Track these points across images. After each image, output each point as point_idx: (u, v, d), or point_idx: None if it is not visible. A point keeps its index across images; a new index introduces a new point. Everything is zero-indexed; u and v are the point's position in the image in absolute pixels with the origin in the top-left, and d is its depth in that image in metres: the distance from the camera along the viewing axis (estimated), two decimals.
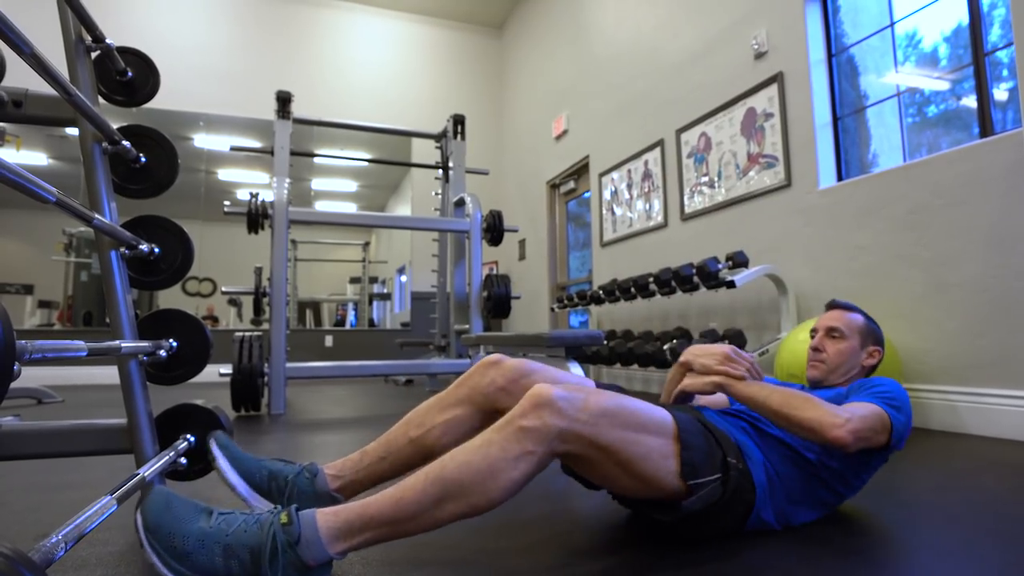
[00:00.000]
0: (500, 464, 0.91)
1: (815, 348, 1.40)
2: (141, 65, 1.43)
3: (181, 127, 6.59)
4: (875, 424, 1.10)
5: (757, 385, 1.16)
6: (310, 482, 1.10)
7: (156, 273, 1.46)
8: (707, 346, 1.26)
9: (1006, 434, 2.23)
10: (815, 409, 1.06)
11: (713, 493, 1.04)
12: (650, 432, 1.03)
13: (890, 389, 1.20)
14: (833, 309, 1.44)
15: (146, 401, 1.28)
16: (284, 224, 3.63)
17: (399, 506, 0.89)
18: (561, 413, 0.93)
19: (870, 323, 1.41)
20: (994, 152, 2.34)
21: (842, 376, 1.36)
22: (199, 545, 0.83)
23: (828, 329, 1.39)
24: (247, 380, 3.29)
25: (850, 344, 1.37)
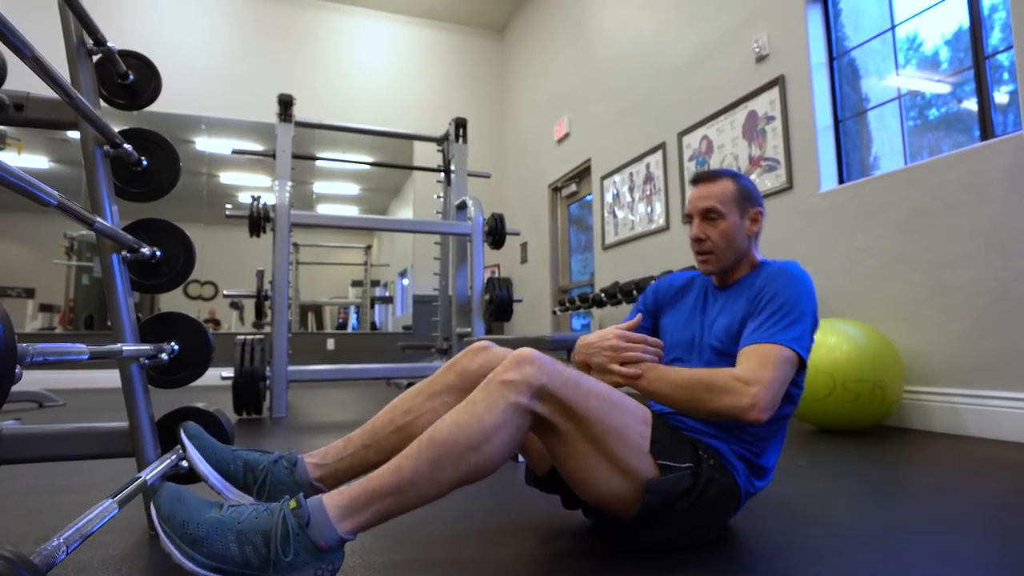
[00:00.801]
0: (488, 419, 0.92)
1: (696, 239, 1.25)
2: (142, 68, 1.44)
3: (183, 130, 6.60)
4: (783, 376, 1.04)
5: (659, 381, 1.09)
6: (289, 471, 1.07)
7: (158, 276, 1.46)
8: (595, 336, 1.17)
9: (1008, 436, 2.22)
10: (720, 397, 1.02)
11: (683, 480, 1.03)
12: (625, 410, 1.04)
13: (786, 297, 1.11)
14: (700, 184, 1.27)
15: (147, 404, 1.28)
16: (286, 227, 3.63)
17: (399, 475, 0.90)
18: (541, 368, 0.96)
19: (742, 182, 1.26)
20: (995, 155, 2.34)
21: (733, 256, 1.24)
22: (213, 531, 0.84)
23: (704, 212, 1.24)
24: (249, 383, 3.29)
25: (730, 221, 1.23)
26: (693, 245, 1.26)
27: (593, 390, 1.01)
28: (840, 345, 2.40)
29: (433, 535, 1.23)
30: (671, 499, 1.02)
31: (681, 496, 1.03)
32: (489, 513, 1.39)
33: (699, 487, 1.04)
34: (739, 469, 1.12)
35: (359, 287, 7.69)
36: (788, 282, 1.14)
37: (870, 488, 1.58)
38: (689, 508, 1.03)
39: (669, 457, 1.04)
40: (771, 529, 1.23)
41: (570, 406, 0.98)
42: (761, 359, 1.05)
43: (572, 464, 1.03)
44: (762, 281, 1.18)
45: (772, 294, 1.13)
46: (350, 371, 3.88)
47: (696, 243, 1.25)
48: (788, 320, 1.09)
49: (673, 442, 1.07)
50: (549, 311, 6.36)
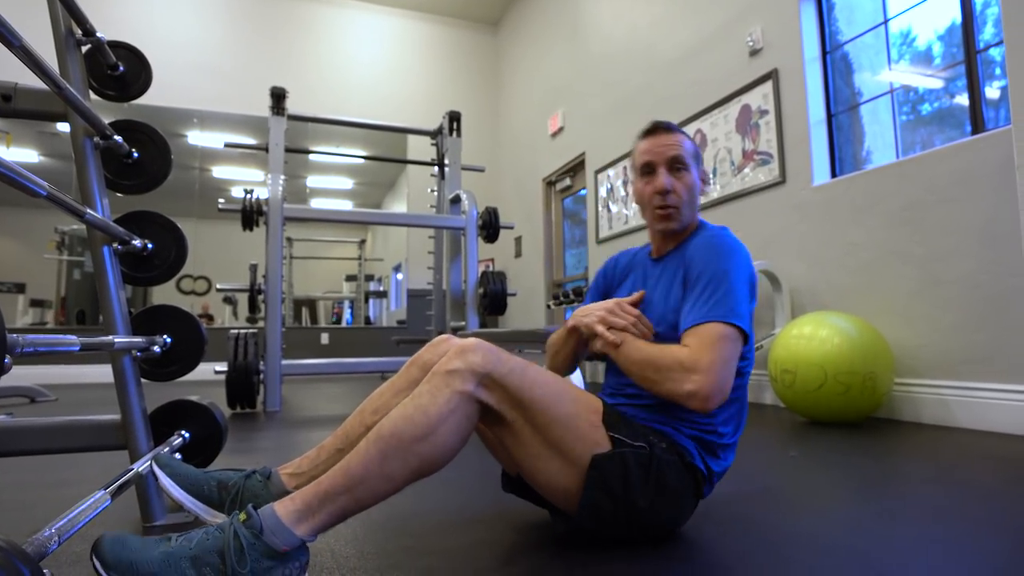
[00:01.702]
0: (433, 409, 0.92)
1: (663, 190, 1.16)
2: (133, 59, 1.43)
3: (175, 124, 6.56)
4: (728, 354, 1.02)
5: (623, 354, 1.09)
6: (263, 484, 1.06)
7: (149, 269, 1.45)
8: (594, 304, 1.17)
9: (996, 427, 2.25)
10: (666, 382, 1.02)
11: (638, 458, 1.02)
12: (576, 401, 1.04)
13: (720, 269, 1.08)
14: (662, 133, 1.19)
15: (140, 397, 1.27)
16: (279, 221, 3.62)
17: (348, 473, 0.90)
18: (485, 357, 0.96)
19: (691, 140, 1.23)
20: (985, 149, 2.36)
21: (691, 215, 1.20)
22: (165, 565, 0.81)
23: (671, 161, 1.17)
24: (242, 377, 3.29)
25: (693, 176, 1.19)
26: (654, 199, 1.18)
27: (539, 379, 1.01)
28: (832, 338, 2.42)
29: (425, 525, 1.23)
30: (619, 480, 1.00)
31: (635, 479, 1.01)
32: (483, 504, 1.39)
33: (653, 470, 1.03)
34: (690, 449, 1.09)
35: (353, 281, 7.67)
36: (716, 253, 1.10)
37: (860, 479, 1.60)
38: (649, 494, 1.02)
39: (621, 433, 1.04)
40: (761, 519, 1.24)
41: (516, 394, 0.98)
42: (702, 341, 1.02)
43: (522, 453, 1.03)
44: (693, 251, 1.15)
45: (701, 268, 1.10)
46: (344, 365, 3.88)
47: (660, 196, 1.17)
48: (720, 293, 1.05)
49: (625, 426, 1.07)
50: (543, 305, 6.37)
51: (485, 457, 1.24)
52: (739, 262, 1.10)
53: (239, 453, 2.07)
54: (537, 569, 1.00)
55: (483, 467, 1.71)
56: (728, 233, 1.16)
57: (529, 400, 0.99)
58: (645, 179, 1.21)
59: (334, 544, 1.12)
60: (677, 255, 1.20)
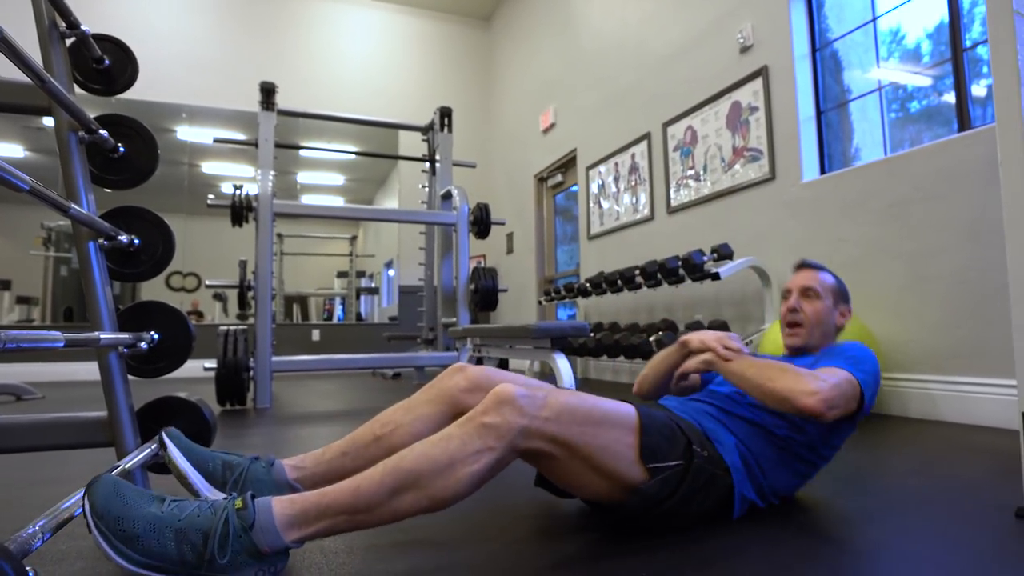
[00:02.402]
0: (459, 457, 0.91)
1: (792, 309, 1.36)
2: (118, 53, 1.41)
3: (163, 119, 6.50)
4: (847, 391, 1.11)
5: (739, 361, 1.19)
6: (267, 470, 1.08)
7: (136, 265, 1.44)
8: (707, 332, 1.30)
9: (980, 421, 2.27)
10: (787, 379, 1.09)
11: (673, 478, 1.07)
12: (611, 425, 1.05)
13: (858, 353, 1.22)
14: (804, 269, 1.41)
15: (127, 394, 1.27)
16: (269, 217, 3.60)
17: (356, 495, 0.89)
18: (523, 411, 0.95)
19: (839, 283, 1.40)
20: (971, 146, 2.38)
21: (819, 338, 1.36)
22: (149, 529, 0.81)
23: (803, 289, 1.37)
24: (232, 374, 3.27)
25: (825, 304, 1.35)
26: (785, 316, 1.37)
27: (577, 414, 1.01)
28: None
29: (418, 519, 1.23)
30: (656, 500, 1.06)
31: (669, 494, 1.07)
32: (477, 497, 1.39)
33: (688, 479, 1.07)
34: (736, 467, 1.15)
35: (344, 278, 7.65)
36: (858, 346, 1.26)
37: (848, 472, 1.61)
38: (678, 500, 1.08)
39: (659, 459, 1.07)
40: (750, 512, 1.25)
41: (553, 437, 0.98)
42: (831, 373, 1.13)
43: (564, 479, 1.08)
44: (833, 346, 1.32)
45: (847, 347, 1.26)
46: (335, 361, 3.87)
47: (790, 313, 1.36)
48: (859, 364, 1.19)
49: (663, 440, 1.09)
50: (535, 301, 6.37)
51: None
52: (875, 362, 1.23)
53: (230, 449, 2.06)
54: (534, 565, 1.00)
55: None
56: (865, 345, 1.29)
57: (566, 439, 1.00)
58: (784, 300, 1.41)
59: (322, 540, 1.12)
60: (812, 355, 1.34)
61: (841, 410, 1.11)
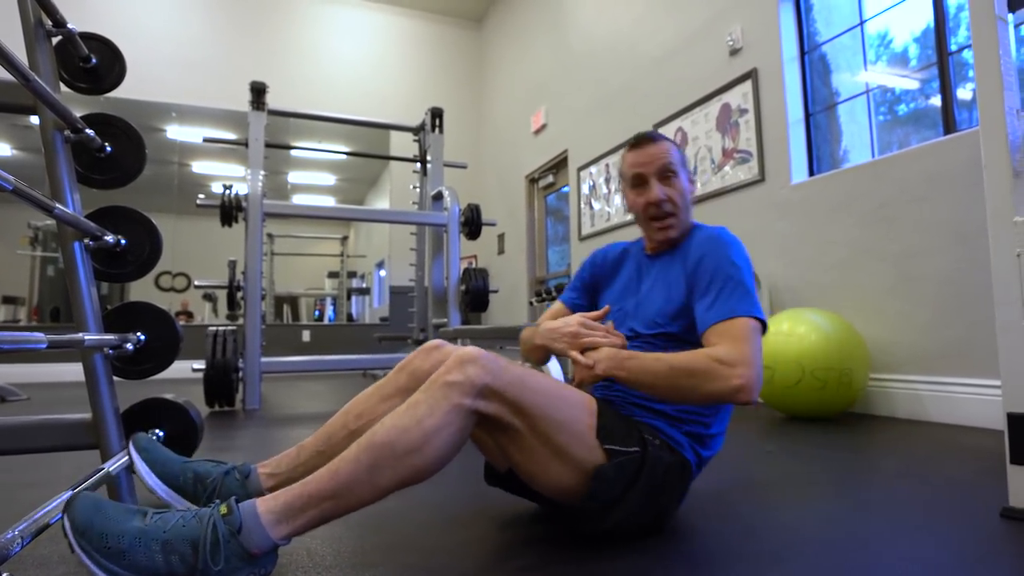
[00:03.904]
0: (429, 421, 0.91)
1: (658, 201, 1.18)
2: (106, 51, 1.40)
3: (152, 118, 6.45)
4: (758, 345, 1.04)
5: (640, 370, 1.06)
6: (241, 483, 1.05)
7: (122, 265, 1.43)
8: (559, 322, 1.16)
9: (967, 421, 2.30)
10: (707, 382, 1.01)
11: (632, 464, 1.03)
12: (571, 403, 1.04)
13: (728, 262, 1.10)
14: (648, 144, 1.21)
15: (112, 395, 1.25)
16: (259, 217, 3.58)
17: (336, 478, 0.88)
18: (485, 368, 0.95)
19: (677, 145, 1.25)
20: (956, 149, 2.40)
21: (688, 220, 1.23)
22: (136, 543, 0.80)
23: (661, 171, 1.19)
24: (221, 375, 3.25)
25: (682, 180, 1.21)
26: (649, 210, 1.20)
27: (538, 386, 1.01)
28: (809, 334, 2.45)
29: (405, 522, 1.23)
30: (619, 485, 1.02)
31: (630, 482, 1.03)
32: (463, 499, 1.39)
33: (647, 470, 1.04)
34: (684, 444, 1.13)
35: (335, 278, 7.62)
36: (725, 251, 1.13)
37: (836, 473, 1.62)
38: (643, 492, 1.04)
39: (616, 441, 1.04)
40: (741, 512, 1.26)
41: (515, 403, 0.97)
42: (734, 336, 1.03)
43: (522, 458, 1.03)
44: (696, 251, 1.17)
45: (713, 267, 1.12)
46: (325, 362, 3.85)
47: (655, 207, 1.19)
48: (740, 290, 1.08)
49: (619, 427, 1.07)
50: (526, 302, 6.37)
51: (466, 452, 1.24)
52: (745, 259, 1.14)
53: (217, 451, 2.05)
54: (521, 568, 1.00)
55: (464, 461, 1.70)
56: (727, 231, 1.18)
57: (529, 408, 0.98)
58: (637, 191, 1.22)
59: (310, 543, 1.11)
60: (676, 252, 1.22)
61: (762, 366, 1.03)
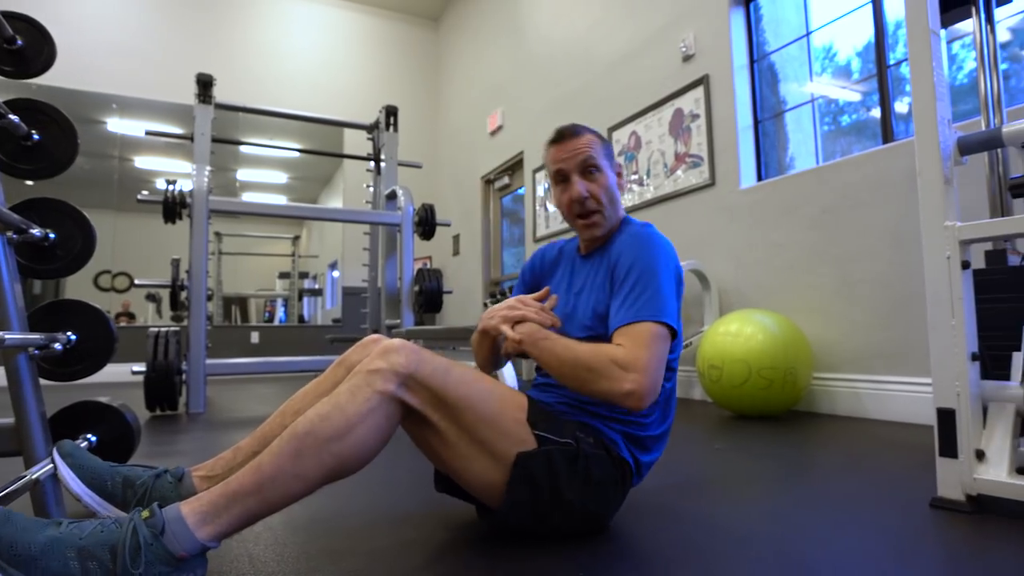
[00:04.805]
0: (351, 408, 0.90)
1: (579, 199, 1.15)
2: (33, 33, 1.32)
3: (92, 109, 6.16)
4: (659, 352, 1.02)
5: (549, 351, 1.05)
6: (174, 486, 1.01)
7: (51, 260, 1.35)
8: (498, 304, 1.15)
9: (901, 418, 2.40)
10: (600, 381, 1.00)
11: (564, 455, 1.02)
12: (501, 400, 1.03)
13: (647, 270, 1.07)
14: (566, 140, 1.17)
15: (37, 399, 1.18)
16: (204, 214, 3.45)
17: (259, 472, 0.85)
18: (408, 357, 0.94)
19: (600, 136, 1.21)
20: (894, 158, 2.51)
21: (615, 215, 1.20)
22: (47, 550, 0.75)
23: (583, 166, 1.16)
24: (162, 378, 3.12)
25: (608, 176, 1.18)
26: (573, 207, 1.17)
27: (464, 379, 1.00)
28: (755, 335, 2.52)
29: (351, 525, 1.20)
30: (544, 473, 1.00)
31: (560, 476, 1.01)
32: (412, 503, 1.37)
33: (580, 464, 1.03)
34: (618, 442, 1.12)
35: (287, 279, 7.43)
36: (643, 250, 1.10)
37: (780, 469, 1.67)
38: (576, 487, 1.03)
39: (548, 430, 1.03)
40: (687, 510, 1.28)
41: (440, 394, 0.96)
42: (635, 340, 1.02)
43: (448, 453, 1.01)
44: (617, 248, 1.15)
45: (628, 265, 1.10)
46: (273, 364, 3.75)
47: (578, 204, 1.16)
48: (649, 292, 1.05)
49: (551, 421, 1.07)
50: (480, 303, 6.36)
51: (415, 456, 1.22)
52: (665, 259, 1.11)
53: (157, 456, 1.97)
54: (463, 567, 0.98)
55: (413, 466, 1.68)
56: (652, 229, 1.16)
57: (453, 400, 0.97)
58: (561, 187, 1.19)
59: (252, 548, 1.07)
60: (604, 251, 1.20)
61: (660, 376, 1.02)
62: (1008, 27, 2.40)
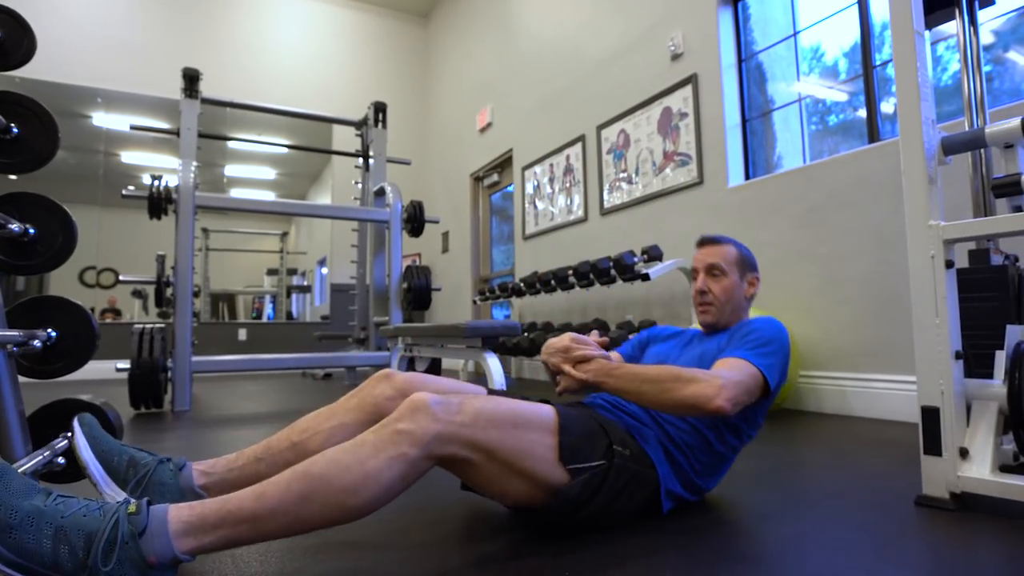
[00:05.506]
0: (371, 463, 0.88)
1: (700, 291, 1.37)
2: (12, 24, 1.29)
3: (76, 103, 6.07)
4: (750, 385, 1.12)
5: (626, 376, 1.14)
6: (173, 474, 1.02)
7: (31, 256, 1.33)
8: (556, 340, 1.25)
9: (886, 415, 2.42)
10: (688, 386, 1.07)
11: (595, 478, 1.07)
12: (530, 427, 1.04)
13: (762, 334, 1.22)
14: (707, 245, 1.41)
15: (16, 397, 1.16)
16: (190, 210, 3.42)
17: (260, 501, 0.83)
18: (436, 417, 0.93)
19: (742, 251, 1.41)
20: (879, 158, 2.53)
21: (731, 313, 1.36)
22: (27, 521, 0.75)
23: (708, 268, 1.37)
24: (147, 375, 3.09)
25: (732, 280, 1.36)
26: (696, 297, 1.39)
27: (492, 419, 0.99)
28: None
29: None
30: (578, 503, 1.05)
31: (590, 496, 1.06)
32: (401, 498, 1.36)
33: (609, 480, 1.08)
34: (661, 462, 1.16)
35: (275, 276, 7.38)
36: (766, 325, 1.26)
37: (768, 466, 1.68)
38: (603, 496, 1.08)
39: (579, 459, 1.06)
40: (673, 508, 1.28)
41: (470, 443, 0.96)
42: (730, 366, 1.14)
43: (486, 485, 1.06)
44: (737, 327, 1.32)
45: (748, 331, 1.25)
46: (261, 362, 3.72)
47: (699, 295, 1.38)
48: (762, 349, 1.19)
49: (583, 440, 1.08)
50: (470, 300, 6.35)
51: None
52: (783, 341, 1.23)
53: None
54: (454, 566, 0.98)
55: None
56: (772, 319, 1.29)
57: (484, 444, 0.98)
58: (694, 280, 1.41)
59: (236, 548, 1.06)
60: (725, 332, 1.35)
61: (745, 403, 1.12)
62: (991, 29, 2.42)
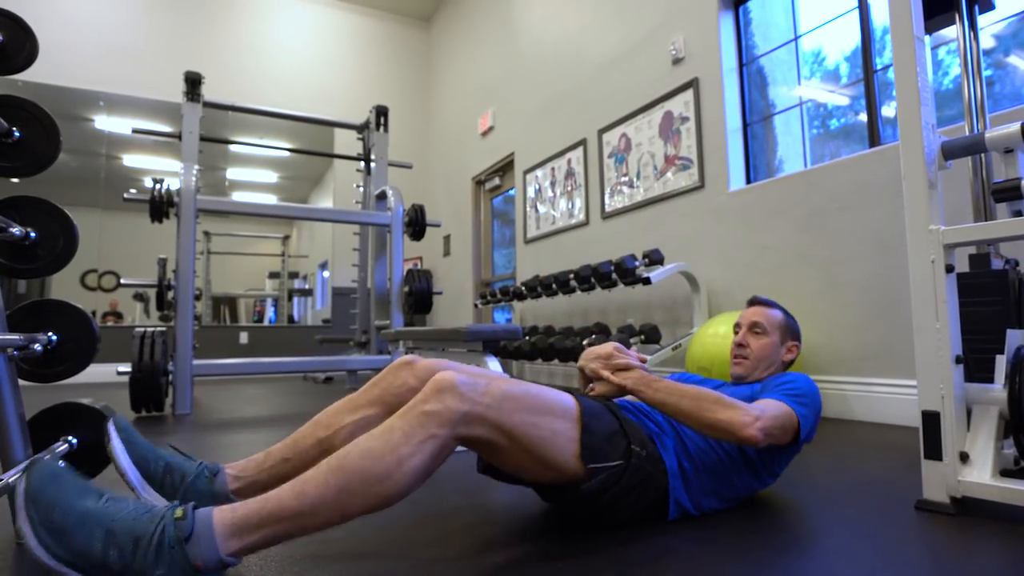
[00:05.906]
0: (403, 449, 0.89)
1: (739, 344, 1.44)
2: (14, 28, 1.30)
3: (78, 106, 6.09)
4: (784, 422, 1.15)
5: (666, 389, 1.16)
6: (209, 481, 1.04)
7: (32, 260, 1.33)
8: (595, 348, 1.29)
9: (887, 419, 2.42)
10: (726, 410, 1.09)
11: (612, 477, 1.07)
12: (554, 415, 1.05)
13: (800, 386, 1.25)
14: (755, 305, 1.49)
15: (16, 400, 1.16)
16: (192, 213, 3.43)
17: (300, 499, 0.85)
18: (463, 397, 0.94)
19: (789, 319, 1.47)
20: (880, 162, 2.53)
21: (764, 371, 1.42)
22: (80, 523, 0.76)
23: (751, 324, 1.44)
24: (148, 378, 3.09)
25: (771, 340, 1.43)
26: (733, 348, 1.45)
27: (519, 403, 1.00)
28: None
29: None
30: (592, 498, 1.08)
31: (604, 492, 1.08)
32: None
33: (624, 478, 1.09)
34: (674, 473, 1.16)
35: (276, 279, 7.38)
36: (802, 379, 1.28)
37: None
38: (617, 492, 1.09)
39: (599, 459, 1.07)
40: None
41: (495, 424, 0.97)
42: (767, 405, 1.16)
43: (508, 465, 1.07)
44: (778, 376, 1.34)
45: (786, 380, 1.28)
46: (262, 365, 3.73)
47: (737, 347, 1.44)
48: (799, 398, 1.21)
49: (604, 440, 1.09)
50: (471, 304, 6.35)
51: None
52: (817, 396, 1.27)
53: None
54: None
55: None
56: (811, 379, 1.31)
57: (509, 427, 0.98)
58: (735, 334, 1.48)
59: None
60: (757, 383, 1.38)
61: (776, 439, 1.14)
62: (992, 34, 2.42)
